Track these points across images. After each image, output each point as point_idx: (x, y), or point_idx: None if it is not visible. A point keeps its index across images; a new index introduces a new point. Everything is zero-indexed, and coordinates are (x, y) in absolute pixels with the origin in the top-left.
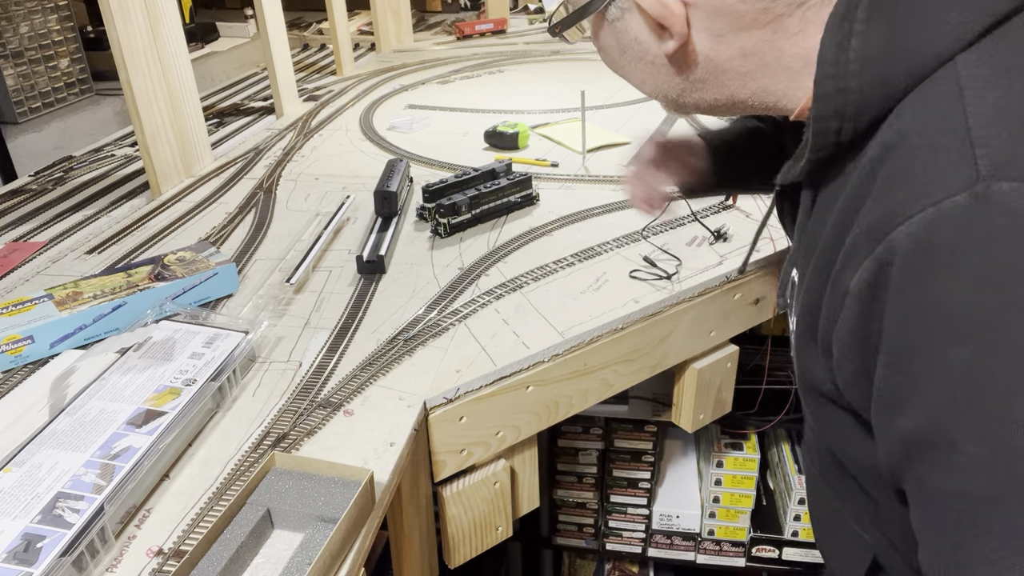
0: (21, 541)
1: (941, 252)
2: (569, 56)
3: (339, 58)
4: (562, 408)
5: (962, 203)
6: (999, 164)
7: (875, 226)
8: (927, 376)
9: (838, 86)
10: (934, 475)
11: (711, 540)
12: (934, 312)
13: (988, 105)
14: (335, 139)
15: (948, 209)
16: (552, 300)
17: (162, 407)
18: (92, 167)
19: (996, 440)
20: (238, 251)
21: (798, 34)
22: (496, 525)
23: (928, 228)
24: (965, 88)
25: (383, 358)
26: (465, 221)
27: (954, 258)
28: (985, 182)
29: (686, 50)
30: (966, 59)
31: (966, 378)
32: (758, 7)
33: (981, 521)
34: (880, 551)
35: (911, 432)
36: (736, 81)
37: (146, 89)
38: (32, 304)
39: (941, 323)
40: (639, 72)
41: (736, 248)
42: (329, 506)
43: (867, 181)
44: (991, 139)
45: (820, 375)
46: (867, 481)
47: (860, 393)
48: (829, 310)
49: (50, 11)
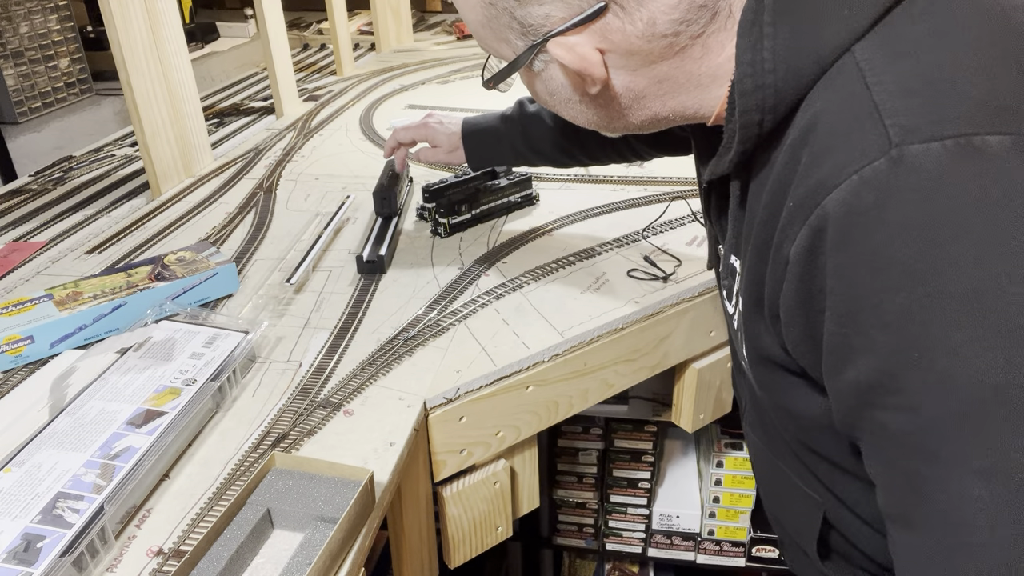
0: (21, 541)
1: (869, 212)
2: None
3: (339, 58)
4: (562, 408)
5: (881, 167)
6: (908, 130)
7: (806, 199)
8: (870, 325)
9: (756, 83)
10: (886, 416)
11: (711, 540)
12: (869, 265)
13: (888, 82)
14: (335, 139)
15: (869, 174)
16: (552, 300)
17: (162, 407)
18: (92, 167)
19: (939, 372)
20: (238, 251)
21: (701, 58)
22: (496, 525)
23: (854, 193)
24: (865, 71)
25: (383, 358)
26: (465, 221)
27: (881, 215)
28: (898, 147)
29: (608, 87)
30: (862, 47)
31: (906, 321)
32: (663, 44)
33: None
34: (829, 508)
35: (861, 380)
36: (656, 103)
37: (146, 89)
38: (32, 304)
39: (877, 274)
40: (570, 110)
41: None
42: (329, 506)
43: (791, 162)
44: (896, 111)
45: (769, 343)
46: (820, 440)
47: (809, 353)
48: (772, 280)
49: (50, 11)
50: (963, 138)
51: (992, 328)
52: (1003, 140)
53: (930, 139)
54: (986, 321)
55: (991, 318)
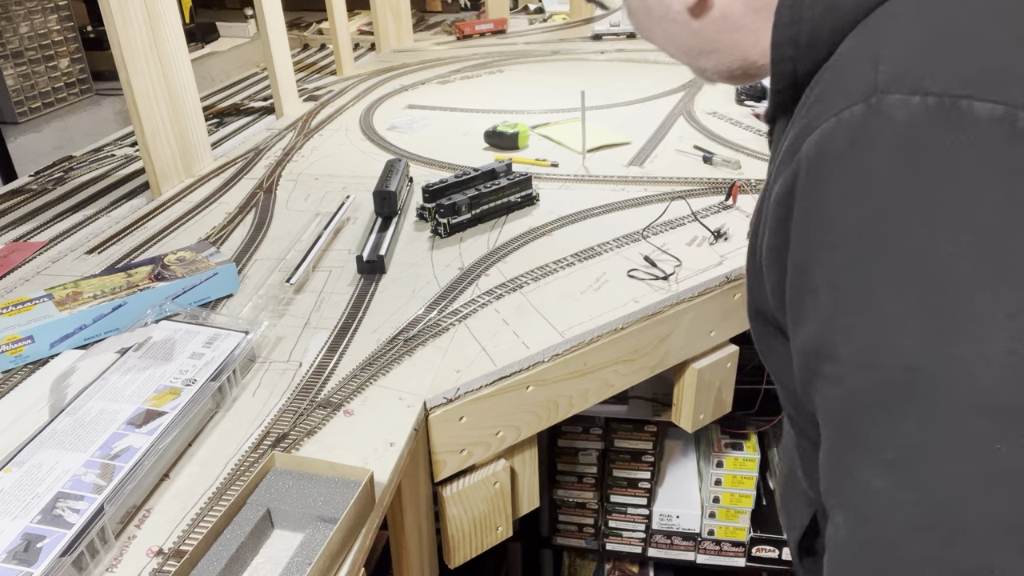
0: (21, 541)
1: (832, 159)
2: (569, 56)
3: (339, 58)
4: (562, 408)
5: (857, 112)
6: (895, 79)
7: (795, 140)
8: (818, 280)
9: (793, 16)
10: (824, 388)
11: (711, 540)
12: (825, 215)
13: (900, 32)
14: (335, 139)
15: (845, 118)
16: (552, 300)
17: (162, 407)
18: (92, 167)
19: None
20: (238, 251)
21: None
22: (496, 525)
23: (828, 136)
24: (888, 19)
25: (383, 358)
26: (465, 221)
27: (842, 164)
28: (879, 95)
29: (704, 5)
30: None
31: (847, 281)
32: None
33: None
34: (819, 508)
35: (808, 343)
36: (748, 39)
37: (146, 89)
38: (32, 304)
39: (830, 226)
40: (663, 31)
41: (736, 248)
42: (329, 506)
43: (803, 104)
44: (892, 58)
45: (760, 295)
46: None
47: (781, 308)
48: (761, 225)
49: (50, 11)
50: (948, 98)
51: (930, 306)
52: (993, 109)
53: (913, 92)
54: (925, 297)
55: (931, 296)
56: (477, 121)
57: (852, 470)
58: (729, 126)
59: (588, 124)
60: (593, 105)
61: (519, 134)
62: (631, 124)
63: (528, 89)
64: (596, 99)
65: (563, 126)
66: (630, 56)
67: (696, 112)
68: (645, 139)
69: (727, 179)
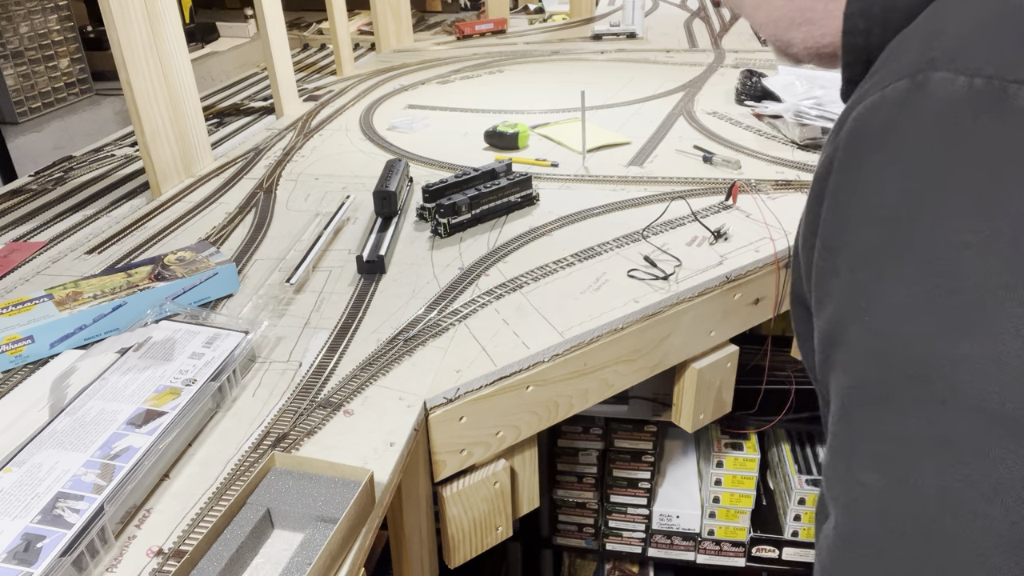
0: (21, 541)
1: (873, 134)
2: (569, 56)
3: (339, 58)
4: (562, 408)
5: (902, 87)
6: (947, 56)
7: (842, 116)
8: (839, 265)
9: None
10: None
11: (711, 540)
12: (853, 194)
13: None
14: (335, 139)
15: (889, 93)
16: (552, 300)
17: (162, 407)
18: (92, 167)
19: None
20: (238, 251)
21: None
22: (496, 525)
23: (871, 110)
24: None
25: (383, 358)
26: (465, 221)
27: (884, 138)
28: (926, 72)
29: None
30: None
31: (865, 263)
32: None
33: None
34: None
35: (824, 329)
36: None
37: (146, 89)
38: (32, 304)
39: (855, 207)
40: None
41: (736, 248)
42: (329, 506)
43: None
44: (950, 35)
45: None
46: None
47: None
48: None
49: (50, 11)
50: (999, 81)
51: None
52: None
53: (961, 71)
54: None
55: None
56: (477, 121)
57: (848, 462)
58: (729, 126)
59: (588, 124)
60: (593, 105)
61: (519, 134)
62: (631, 124)
63: (528, 89)
64: (596, 99)
65: (563, 126)
66: (630, 56)
67: (696, 112)
68: (645, 139)
69: (727, 179)
